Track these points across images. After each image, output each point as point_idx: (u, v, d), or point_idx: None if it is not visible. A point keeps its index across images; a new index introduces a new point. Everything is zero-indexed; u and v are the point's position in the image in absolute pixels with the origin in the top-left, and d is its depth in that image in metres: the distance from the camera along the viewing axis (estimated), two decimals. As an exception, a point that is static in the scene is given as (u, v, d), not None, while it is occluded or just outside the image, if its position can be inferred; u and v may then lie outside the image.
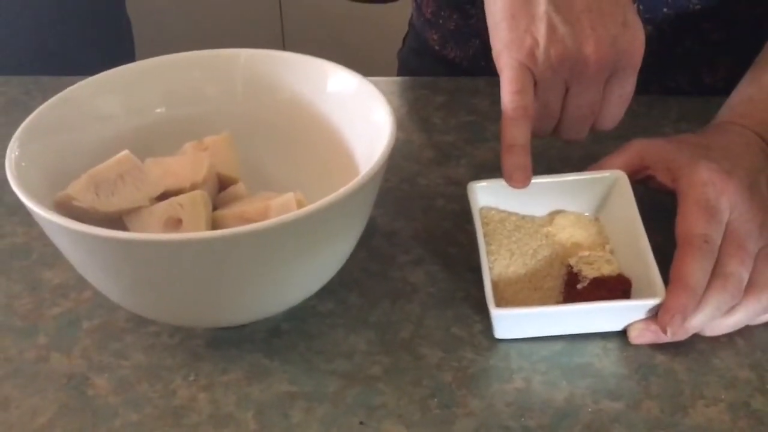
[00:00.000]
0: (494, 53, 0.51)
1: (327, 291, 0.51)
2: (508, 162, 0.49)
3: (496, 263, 0.51)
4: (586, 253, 0.51)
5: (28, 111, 0.70)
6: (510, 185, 0.50)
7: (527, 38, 0.49)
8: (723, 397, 0.46)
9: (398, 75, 0.87)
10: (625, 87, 0.51)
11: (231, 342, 0.50)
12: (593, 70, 0.49)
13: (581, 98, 0.51)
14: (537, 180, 0.53)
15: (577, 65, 0.49)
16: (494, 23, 0.51)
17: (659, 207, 0.51)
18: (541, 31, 0.49)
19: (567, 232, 0.53)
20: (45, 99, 0.70)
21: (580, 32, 0.48)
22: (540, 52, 0.49)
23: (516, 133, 0.49)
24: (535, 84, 0.50)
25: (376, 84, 0.53)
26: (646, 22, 0.66)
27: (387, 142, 0.47)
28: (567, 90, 0.51)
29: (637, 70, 0.51)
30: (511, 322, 0.48)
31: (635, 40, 0.49)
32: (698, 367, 0.47)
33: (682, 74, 0.71)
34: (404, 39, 0.87)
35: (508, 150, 0.49)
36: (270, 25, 1.78)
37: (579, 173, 0.53)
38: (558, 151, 0.63)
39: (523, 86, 0.49)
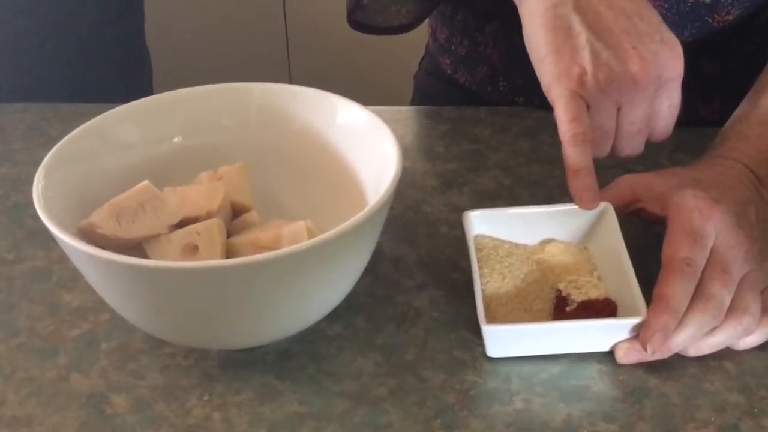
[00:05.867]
0: (544, 87, 0.53)
1: (335, 315, 0.53)
2: (576, 185, 0.51)
3: (489, 285, 0.54)
4: (575, 278, 0.54)
5: (46, 137, 0.73)
6: (580, 207, 0.52)
7: (574, 68, 0.51)
8: (713, 420, 0.48)
9: (413, 96, 0.90)
10: (673, 98, 0.53)
11: (243, 363, 0.52)
12: (641, 87, 0.51)
13: (633, 115, 0.53)
14: (529, 210, 0.56)
15: (625, 84, 0.51)
16: (539, 59, 0.53)
17: (652, 237, 0.54)
18: (586, 59, 0.51)
19: (557, 259, 0.55)
20: (63, 126, 0.74)
21: (623, 53, 0.51)
22: (588, 79, 0.51)
23: (579, 158, 0.51)
24: (588, 108, 0.52)
25: (381, 113, 0.55)
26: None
27: (394, 174, 0.50)
28: (618, 109, 0.53)
29: (681, 81, 0.53)
30: (501, 339, 0.50)
31: (674, 53, 0.52)
32: (689, 390, 0.50)
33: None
34: (420, 62, 0.90)
35: (574, 174, 0.51)
36: (276, 46, 1.81)
37: (569, 204, 0.56)
38: (557, 180, 0.66)
39: (578, 113, 0.51)
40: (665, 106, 0.53)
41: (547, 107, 0.74)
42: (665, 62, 0.52)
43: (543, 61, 0.53)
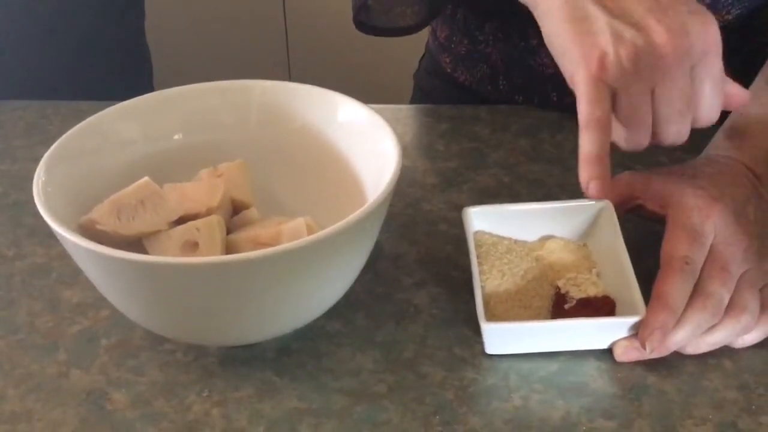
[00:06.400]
0: (568, 79, 0.51)
1: (335, 312, 0.53)
2: (583, 173, 0.50)
3: (488, 282, 0.54)
4: (574, 275, 0.54)
5: (46, 135, 0.73)
6: (586, 196, 0.50)
7: (594, 52, 0.49)
8: (711, 417, 0.48)
9: (413, 95, 0.90)
10: (713, 73, 0.49)
11: (243, 360, 0.52)
12: (672, 60, 0.48)
13: (670, 93, 0.49)
14: (528, 206, 0.56)
15: (653, 59, 0.48)
16: (560, 53, 0.51)
17: (651, 235, 0.54)
18: (607, 41, 0.48)
19: (556, 256, 0.55)
20: (63, 123, 0.74)
21: (646, 28, 0.48)
22: (610, 60, 0.48)
23: (590, 145, 0.49)
24: (616, 96, 0.49)
25: (381, 112, 0.56)
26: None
27: (393, 172, 0.50)
28: (653, 92, 0.49)
29: (720, 54, 0.49)
30: (500, 337, 0.51)
31: (706, 23, 0.48)
32: (688, 388, 0.50)
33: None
34: (420, 61, 0.90)
35: (583, 161, 0.49)
36: (275, 41, 1.82)
37: (568, 201, 0.56)
38: (557, 179, 0.66)
39: (596, 97, 0.49)
40: (706, 85, 0.49)
41: (546, 106, 0.74)
42: (696, 32, 0.48)
43: (564, 55, 0.50)
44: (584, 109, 0.49)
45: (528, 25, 0.54)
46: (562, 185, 0.65)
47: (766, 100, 0.58)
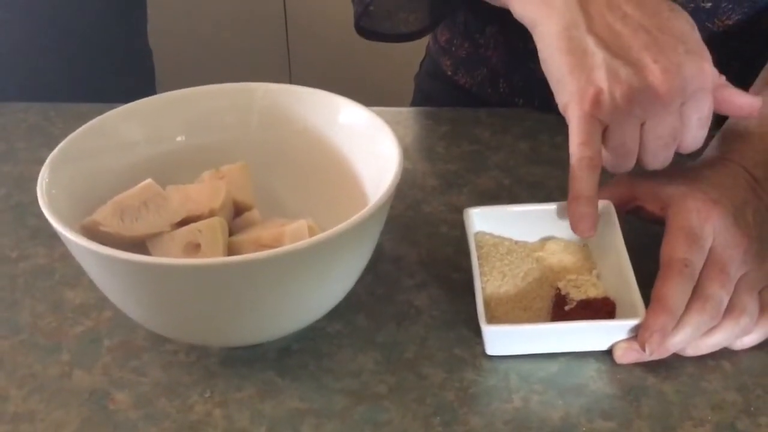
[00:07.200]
0: (560, 108, 0.52)
1: (336, 313, 0.54)
2: (573, 212, 0.51)
3: (489, 284, 0.54)
4: (574, 276, 0.54)
5: (49, 136, 0.73)
6: (575, 234, 0.52)
7: (590, 88, 0.50)
8: (710, 418, 0.48)
9: (414, 97, 0.91)
10: (703, 110, 0.51)
11: (244, 361, 0.52)
12: (666, 100, 0.49)
13: (660, 129, 0.50)
14: (529, 207, 0.57)
15: (647, 98, 0.49)
16: (555, 81, 0.52)
17: (651, 237, 0.54)
18: (602, 78, 0.49)
19: (557, 257, 0.56)
20: (65, 125, 0.74)
21: (643, 68, 0.49)
22: (605, 98, 0.49)
23: (581, 184, 0.51)
24: (607, 129, 0.51)
25: (382, 114, 0.56)
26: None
27: (394, 174, 0.50)
28: (643, 124, 0.51)
29: (711, 92, 0.50)
30: (501, 339, 0.51)
31: (702, 62, 0.50)
32: (687, 389, 0.50)
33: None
34: (421, 64, 0.90)
35: (573, 200, 0.51)
36: (276, 41, 1.82)
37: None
38: (557, 181, 0.66)
39: (588, 137, 0.50)
40: (694, 119, 0.51)
41: (546, 109, 0.75)
42: (691, 73, 0.49)
43: (559, 82, 0.51)
44: (576, 147, 0.50)
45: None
46: (561, 188, 0.65)
47: (765, 103, 0.59)
